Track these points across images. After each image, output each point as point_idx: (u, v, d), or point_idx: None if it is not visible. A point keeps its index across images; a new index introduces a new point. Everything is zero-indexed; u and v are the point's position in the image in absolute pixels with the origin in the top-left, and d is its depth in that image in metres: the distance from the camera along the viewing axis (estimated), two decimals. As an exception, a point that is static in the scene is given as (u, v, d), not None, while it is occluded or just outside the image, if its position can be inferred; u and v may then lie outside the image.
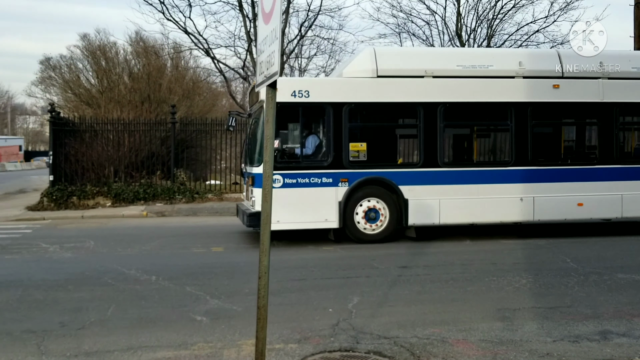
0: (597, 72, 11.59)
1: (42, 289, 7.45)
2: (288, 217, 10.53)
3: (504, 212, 11.28)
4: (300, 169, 10.79)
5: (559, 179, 11.48)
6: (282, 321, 5.86)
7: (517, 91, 11.42)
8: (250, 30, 24.11)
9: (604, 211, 11.64)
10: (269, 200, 3.80)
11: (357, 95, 11.02)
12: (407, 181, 11.03)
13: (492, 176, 11.29)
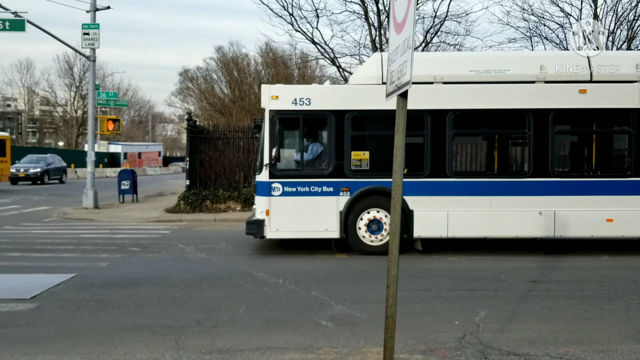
0: (634, 75, 10.64)
1: (179, 287, 7.93)
2: (288, 226, 10.54)
3: (519, 226, 10.49)
4: (301, 178, 10.63)
5: (585, 192, 10.54)
6: (406, 331, 5.82)
7: (537, 97, 10.57)
8: (375, 39, 24.22)
9: (637, 228, 10.52)
10: (398, 209, 3.80)
11: (360, 103, 10.70)
12: (413, 192, 10.53)
13: (506, 188, 10.55)
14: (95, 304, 7.02)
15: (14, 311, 6.70)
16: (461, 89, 10.65)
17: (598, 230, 10.52)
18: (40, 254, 10.57)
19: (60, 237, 12.86)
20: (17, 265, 9.48)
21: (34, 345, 5.52)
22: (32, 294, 7.42)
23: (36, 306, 6.92)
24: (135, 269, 9.36)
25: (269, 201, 10.56)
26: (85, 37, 19.41)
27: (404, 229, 10.54)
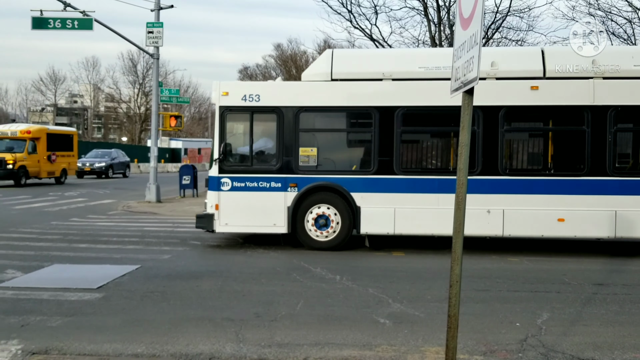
0: (589, 71, 10.26)
1: (238, 281, 8.07)
2: (237, 221, 10.71)
3: (467, 224, 9.75)
4: (249, 173, 10.76)
5: (535, 191, 10.28)
6: (466, 331, 5.74)
7: (486, 94, 10.14)
8: (435, 35, 23.94)
9: (591, 229, 10.17)
10: (462, 208, 3.75)
11: (308, 99, 10.74)
12: (360, 188, 10.57)
13: (454, 185, 9.87)
14: (158, 295, 7.23)
15: (82, 300, 6.96)
16: (410, 86, 10.58)
17: (549, 230, 10.32)
18: (106, 246, 10.95)
19: (125, 229, 13.28)
20: (84, 256, 9.85)
21: (100, 333, 5.72)
22: (99, 284, 7.70)
23: (102, 296, 7.17)
24: (196, 261, 9.58)
25: (219, 196, 10.79)
26: (150, 35, 19.95)
27: (352, 225, 10.64)
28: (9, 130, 28.12)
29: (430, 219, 10.41)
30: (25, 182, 27.26)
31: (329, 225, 10.75)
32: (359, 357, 5.13)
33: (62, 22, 19.22)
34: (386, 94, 10.63)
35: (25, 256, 9.71)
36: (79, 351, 5.23)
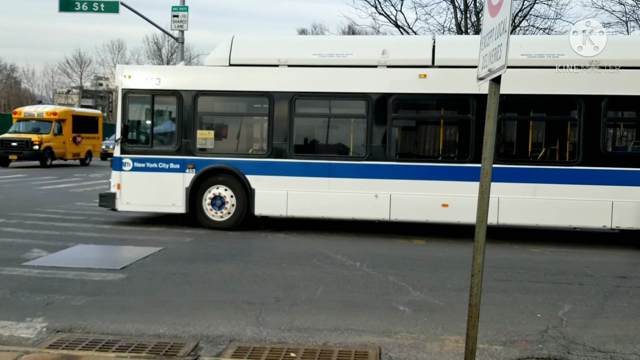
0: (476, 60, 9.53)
1: (259, 265, 8.13)
2: (137, 200, 11.11)
3: (356, 208, 10.63)
4: (150, 154, 11.10)
5: (421, 177, 10.49)
6: (486, 321, 5.72)
7: (377, 81, 10.56)
8: (461, 22, 23.68)
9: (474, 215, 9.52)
10: (486, 197, 3.73)
11: (206, 84, 11.08)
12: (254, 171, 10.90)
13: (344, 170, 10.69)
14: (180, 277, 7.32)
15: (105, 280, 7.08)
16: (304, 72, 10.82)
17: (434, 215, 10.54)
18: (130, 227, 11.09)
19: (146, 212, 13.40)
20: (108, 237, 9.99)
21: (123, 313, 5.81)
22: (122, 265, 7.81)
23: (126, 277, 7.27)
24: (218, 245, 9.66)
25: (120, 175, 11.17)
26: (175, 19, 20.02)
27: (246, 206, 10.95)
28: (35, 112, 28.51)
29: (322, 202, 10.72)
30: (50, 163, 27.66)
31: (224, 206, 11.07)
32: (378, 344, 5.15)
33: (88, 5, 19.37)
34: (281, 80, 10.90)
35: (51, 236, 9.87)
36: (102, 330, 5.33)
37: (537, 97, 10.41)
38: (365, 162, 10.65)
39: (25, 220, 11.40)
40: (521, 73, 10.14)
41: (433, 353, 4.98)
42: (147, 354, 4.75)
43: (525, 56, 10.28)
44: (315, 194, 10.73)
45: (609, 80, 10.00)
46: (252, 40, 11.99)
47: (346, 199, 10.64)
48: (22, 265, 7.65)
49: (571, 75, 10.09)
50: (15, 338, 5.09)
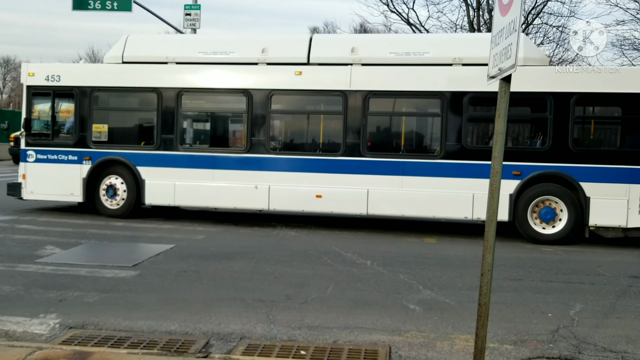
0: (348, 58, 10.88)
1: (270, 263, 8.16)
2: (40, 189, 11.93)
3: (238, 198, 11.24)
4: (51, 147, 11.91)
5: (297, 169, 11.06)
6: (496, 320, 5.71)
7: (257, 78, 11.21)
8: (473, 20, 23.57)
9: (346, 206, 10.97)
10: (496, 197, 3.72)
11: (101, 80, 11.83)
12: (144, 162, 11.56)
13: (226, 162, 11.32)
14: (192, 275, 7.36)
15: (118, 277, 7.14)
16: (190, 70, 11.48)
17: (308, 206, 11.04)
18: (142, 225, 11.16)
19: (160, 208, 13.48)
20: (121, 235, 10.07)
21: (135, 310, 5.86)
22: (135, 262, 7.88)
23: (138, 274, 7.33)
24: (229, 243, 9.70)
25: (25, 166, 12.06)
26: (187, 18, 20.11)
27: (138, 195, 11.64)
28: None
29: (206, 192, 11.35)
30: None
31: (116, 195, 11.83)
32: (388, 342, 5.15)
33: (102, 3, 19.48)
34: (169, 77, 11.58)
35: (64, 233, 9.97)
36: (114, 327, 5.38)
37: (404, 93, 10.96)
38: (245, 154, 11.25)
39: (38, 218, 11.51)
40: (389, 70, 10.76)
41: (443, 352, 4.98)
42: (158, 350, 4.79)
43: (393, 54, 10.83)
44: (200, 185, 11.34)
45: (471, 77, 10.43)
46: (144, 39, 12.54)
47: (228, 190, 11.24)
48: (36, 262, 7.73)
49: (436, 72, 10.65)
50: (29, 334, 5.16)
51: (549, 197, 10.36)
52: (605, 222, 10.18)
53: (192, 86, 11.54)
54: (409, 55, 10.78)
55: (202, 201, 11.56)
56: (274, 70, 11.20)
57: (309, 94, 11.34)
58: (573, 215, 10.22)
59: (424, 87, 10.73)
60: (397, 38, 11.79)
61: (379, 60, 10.86)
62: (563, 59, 25.01)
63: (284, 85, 11.17)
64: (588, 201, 10.12)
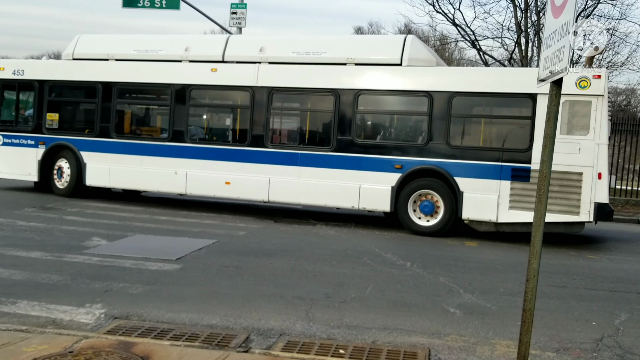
0: (257, 57, 11.90)
1: (310, 261, 8.20)
2: (6, 169, 13.75)
3: (162, 183, 12.39)
4: (14, 132, 13.72)
5: (210, 158, 12.02)
6: (539, 327, 5.62)
7: (180, 74, 12.35)
8: (521, 21, 23.16)
9: (251, 192, 11.83)
10: (544, 202, 3.67)
11: (55, 75, 13.46)
12: (86, 148, 13.02)
13: (152, 150, 12.49)
14: (233, 270, 7.46)
15: (161, 270, 7.28)
16: (125, 65, 12.81)
17: (219, 191, 12.04)
18: (185, 219, 11.35)
19: (203, 204, 13.69)
20: (165, 228, 10.26)
21: (178, 303, 5.97)
22: (178, 256, 8.02)
23: (181, 267, 7.46)
24: (270, 240, 9.78)
25: None
26: (233, 16, 20.32)
27: (81, 177, 13.02)
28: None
29: (135, 176, 12.60)
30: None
31: (63, 176, 13.29)
32: (427, 345, 5.13)
33: (150, 1, 19.85)
34: (108, 72, 12.96)
35: (110, 225, 10.21)
36: (157, 319, 5.49)
37: (302, 90, 11.86)
38: (167, 143, 12.43)
39: (86, 210, 11.81)
40: (291, 68, 11.69)
41: (483, 357, 4.93)
42: (200, 343, 4.87)
43: (295, 53, 11.74)
44: (130, 169, 12.64)
45: (361, 75, 11.30)
46: (92, 39, 13.81)
47: (154, 175, 12.46)
48: (83, 253, 7.94)
49: (331, 71, 11.49)
50: (75, 323, 5.30)
51: (428, 190, 10.89)
52: (477, 216, 10.62)
53: (126, 80, 12.85)
54: (308, 55, 11.66)
55: (132, 184, 12.95)
56: (194, 67, 12.37)
57: (223, 89, 12.49)
58: (449, 209, 10.72)
59: (320, 84, 11.56)
60: (300, 39, 12.75)
61: (283, 59, 11.79)
62: (613, 62, 24.38)
63: (201, 81, 12.31)
64: (462, 196, 10.60)
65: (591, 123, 9.94)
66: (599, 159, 9.86)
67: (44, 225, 9.82)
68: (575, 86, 9.99)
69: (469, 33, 24.37)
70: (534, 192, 9.61)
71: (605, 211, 9.85)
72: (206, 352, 4.63)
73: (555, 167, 9.41)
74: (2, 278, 6.52)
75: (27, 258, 7.48)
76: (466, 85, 10.81)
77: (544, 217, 3.73)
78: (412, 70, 11.05)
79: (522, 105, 10.55)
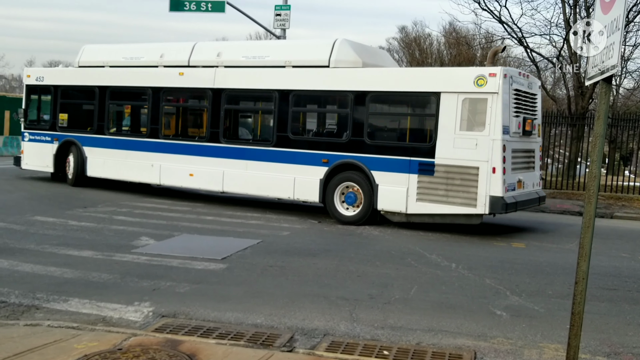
0: (214, 61, 13.12)
1: (353, 262, 8.19)
2: (31, 162, 15.96)
3: (142, 174, 14.01)
4: (37, 129, 15.89)
5: (178, 152, 13.44)
6: (589, 330, 5.47)
7: (155, 78, 13.95)
8: (570, 17, 22.61)
9: (209, 184, 13.15)
10: (594, 202, 3.57)
11: (65, 80, 15.68)
12: (87, 143, 14.88)
13: (134, 145, 14.17)
14: (277, 270, 7.52)
15: (207, 269, 7.39)
16: (115, 72, 14.68)
17: (185, 182, 13.52)
18: (230, 219, 11.49)
19: (247, 205, 13.83)
20: (210, 228, 10.41)
21: (223, 302, 6.06)
22: (223, 255, 8.12)
23: (226, 267, 7.56)
24: (314, 240, 9.82)
25: (23, 145, 16.25)
26: (277, 18, 20.46)
27: (83, 169, 14.89)
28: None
29: (122, 168, 14.27)
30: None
31: (70, 167, 15.22)
32: (473, 347, 5.06)
33: (197, 5, 20.20)
34: (103, 77, 14.83)
35: (158, 225, 10.42)
36: (203, 317, 5.58)
37: (248, 90, 13.18)
38: (145, 139, 14.05)
39: (134, 210, 12.09)
40: (240, 71, 12.83)
41: (531, 360, 4.84)
42: (245, 342, 4.93)
43: (244, 58, 12.89)
44: (118, 162, 14.32)
45: (295, 77, 12.21)
46: (94, 48, 15.73)
47: (136, 167, 14.05)
48: (132, 252, 8.13)
49: (271, 73, 12.48)
50: (124, 320, 5.44)
51: (351, 183, 11.54)
52: (390, 207, 11.18)
53: (116, 84, 14.66)
54: (255, 59, 12.76)
55: (120, 175, 14.51)
56: (166, 72, 13.85)
57: (188, 91, 14.16)
58: (368, 200, 11.34)
59: (262, 85, 12.60)
60: (249, 44, 14.69)
61: (235, 63, 13.00)
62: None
63: (171, 84, 13.81)
64: (377, 188, 11.21)
65: (487, 120, 10.23)
66: (493, 154, 10.14)
67: (94, 224, 10.09)
68: (473, 84, 10.38)
69: (515, 30, 23.94)
70: (438, 185, 10.67)
71: (499, 204, 10.14)
72: (251, 351, 4.68)
73: (455, 162, 10.55)
74: (54, 276, 6.73)
75: (78, 257, 7.71)
76: (381, 84, 11.50)
77: (594, 218, 3.64)
78: (337, 71, 11.80)
79: (427, 103, 11.18)
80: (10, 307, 5.64)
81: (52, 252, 7.92)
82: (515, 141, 10.66)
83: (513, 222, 12.40)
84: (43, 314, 5.49)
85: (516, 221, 12.55)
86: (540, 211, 15.50)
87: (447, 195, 10.54)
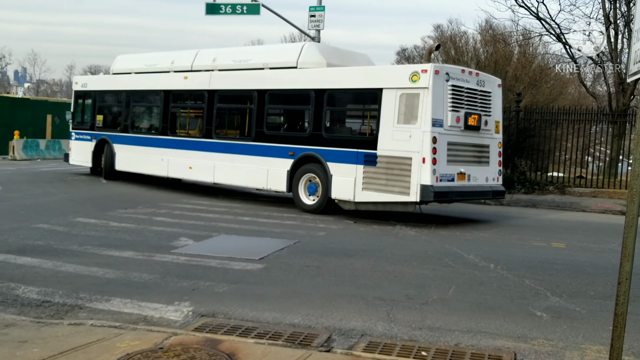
0: (210, 65, 14.99)
1: (390, 262, 8.18)
2: (77, 158, 18.46)
3: (155, 168, 15.93)
4: (81, 130, 18.41)
5: (180, 147, 15.29)
6: (633, 332, 5.35)
7: (167, 82, 15.93)
8: (610, 13, 22.13)
9: (204, 175, 14.84)
10: (637, 201, 3.50)
11: (101, 86, 18.38)
12: (116, 141, 17.10)
13: (149, 142, 16.15)
14: (314, 270, 7.55)
15: (245, 270, 7.47)
16: (137, 77, 16.98)
17: (186, 174, 15.44)
18: (267, 220, 11.58)
19: (283, 205, 13.92)
20: (248, 229, 10.51)
21: (261, 302, 6.11)
22: (260, 256, 8.20)
23: (263, 267, 7.63)
24: (350, 240, 9.83)
25: (71, 143, 18.90)
26: (312, 19, 20.55)
27: (112, 163, 17.16)
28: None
29: (140, 163, 16.43)
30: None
31: (101, 161, 17.60)
32: (512, 349, 5.01)
33: (232, 8, 20.47)
34: (128, 82, 17.13)
35: (196, 226, 10.57)
36: (242, 317, 5.65)
37: (234, 91, 14.68)
38: (158, 136, 15.99)
39: (173, 211, 12.28)
40: (230, 74, 14.50)
41: (572, 362, 4.76)
42: (282, 342, 4.97)
43: (233, 62, 14.56)
44: (137, 157, 16.46)
45: (270, 77, 13.68)
46: (125, 57, 18.17)
47: (150, 161, 16.00)
48: (171, 253, 8.27)
49: (252, 75, 14.06)
50: (165, 320, 5.54)
51: (312, 174, 12.56)
52: (341, 196, 12.06)
53: (136, 88, 16.86)
54: (241, 62, 14.37)
55: (139, 169, 16.57)
56: (174, 76, 15.78)
57: (191, 93, 15.72)
58: (324, 190, 12.28)
59: (244, 86, 14.18)
60: (238, 50, 16.11)
61: (227, 67, 14.65)
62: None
63: (178, 87, 15.72)
64: (331, 178, 12.16)
65: (419, 113, 10.99)
66: (423, 145, 10.85)
67: (134, 225, 10.29)
68: (409, 80, 11.18)
69: (553, 27, 23.54)
70: (380, 174, 11.48)
71: (429, 192, 10.79)
72: (289, 351, 4.72)
73: (393, 153, 11.40)
74: (97, 277, 6.89)
75: (119, 257, 7.87)
76: (335, 82, 12.72)
77: (636, 218, 3.57)
78: (302, 72, 13.19)
79: (372, 99, 12.06)
80: (54, 307, 5.80)
81: (94, 252, 8.11)
82: (454, 134, 11.32)
83: (553, 223, 12.22)
84: (86, 314, 5.63)
85: (555, 221, 12.37)
86: (581, 210, 15.26)
87: (387, 184, 11.32)
